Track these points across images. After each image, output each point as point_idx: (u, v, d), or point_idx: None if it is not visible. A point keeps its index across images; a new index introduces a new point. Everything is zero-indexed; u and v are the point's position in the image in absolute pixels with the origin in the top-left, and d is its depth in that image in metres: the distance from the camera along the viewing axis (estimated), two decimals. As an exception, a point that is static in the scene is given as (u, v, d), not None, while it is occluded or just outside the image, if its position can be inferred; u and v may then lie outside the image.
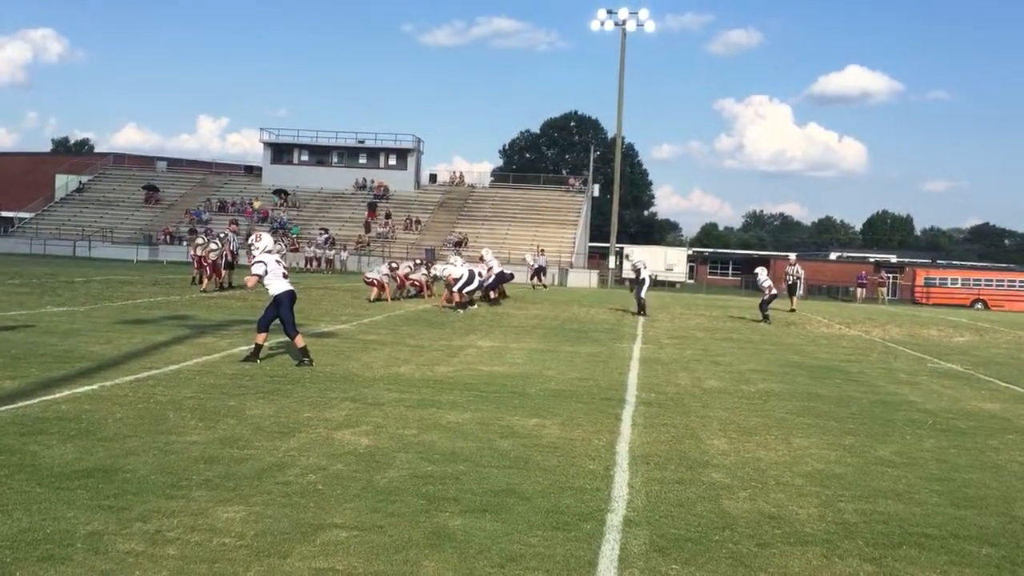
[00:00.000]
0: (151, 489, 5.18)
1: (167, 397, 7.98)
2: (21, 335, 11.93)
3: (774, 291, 23.52)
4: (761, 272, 23.91)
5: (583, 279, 49.41)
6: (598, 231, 71.36)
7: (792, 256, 35.69)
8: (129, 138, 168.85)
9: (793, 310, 29.38)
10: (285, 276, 10.72)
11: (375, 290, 22.99)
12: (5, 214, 68.96)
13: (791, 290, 30.72)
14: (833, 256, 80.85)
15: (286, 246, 38.31)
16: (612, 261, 54.77)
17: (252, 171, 68.86)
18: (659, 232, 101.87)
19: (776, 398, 9.97)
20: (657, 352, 14.26)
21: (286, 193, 61.00)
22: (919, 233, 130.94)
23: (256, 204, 59.59)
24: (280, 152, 65.14)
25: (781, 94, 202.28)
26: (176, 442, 6.31)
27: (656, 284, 54.60)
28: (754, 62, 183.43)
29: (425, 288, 25.68)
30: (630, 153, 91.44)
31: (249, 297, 22.28)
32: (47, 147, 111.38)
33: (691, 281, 66.80)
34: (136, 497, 5.01)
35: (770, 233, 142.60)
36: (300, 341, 10.64)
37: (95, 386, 8.32)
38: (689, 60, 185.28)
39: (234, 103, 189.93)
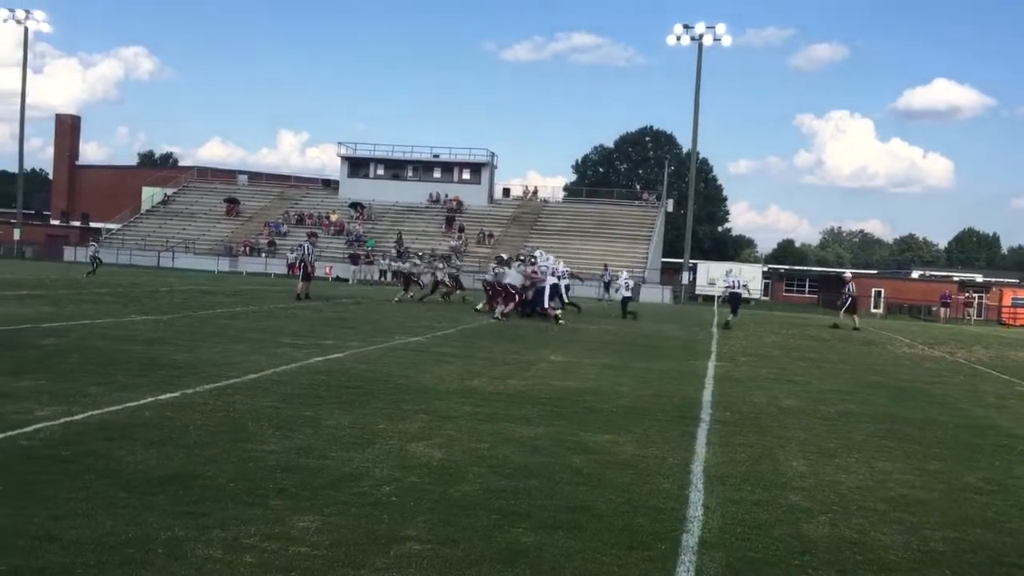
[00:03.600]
0: (230, 496, 5.26)
1: (246, 406, 8.13)
2: (108, 343, 12.30)
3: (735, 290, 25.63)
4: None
5: (656, 294, 49.01)
6: (671, 246, 70.78)
7: (847, 274, 34.96)
8: (213, 152, 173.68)
9: (856, 328, 28.67)
10: None
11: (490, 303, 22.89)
12: (94, 225, 71.48)
13: (849, 308, 29.94)
14: (916, 275, 78.72)
15: (363, 257, 38.87)
16: (686, 277, 54.22)
17: (329, 184, 70.25)
18: (734, 248, 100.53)
19: (856, 419, 9.70)
20: (732, 370, 14.03)
21: (362, 206, 61.95)
22: (1006, 252, 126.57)
23: (333, 217, 60.65)
24: (357, 166, 66.26)
25: (863, 109, 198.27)
26: (254, 450, 6.41)
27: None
28: (836, 77, 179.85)
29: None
30: (705, 168, 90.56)
31: (324, 309, 22.66)
32: (135, 161, 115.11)
33: (766, 298, 65.70)
34: (215, 504, 5.10)
35: (849, 250, 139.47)
36: None
37: (177, 394, 8.53)
38: (769, 74, 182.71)
39: (314, 118, 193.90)
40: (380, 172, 66.28)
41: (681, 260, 57.06)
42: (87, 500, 5.01)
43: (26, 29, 63.22)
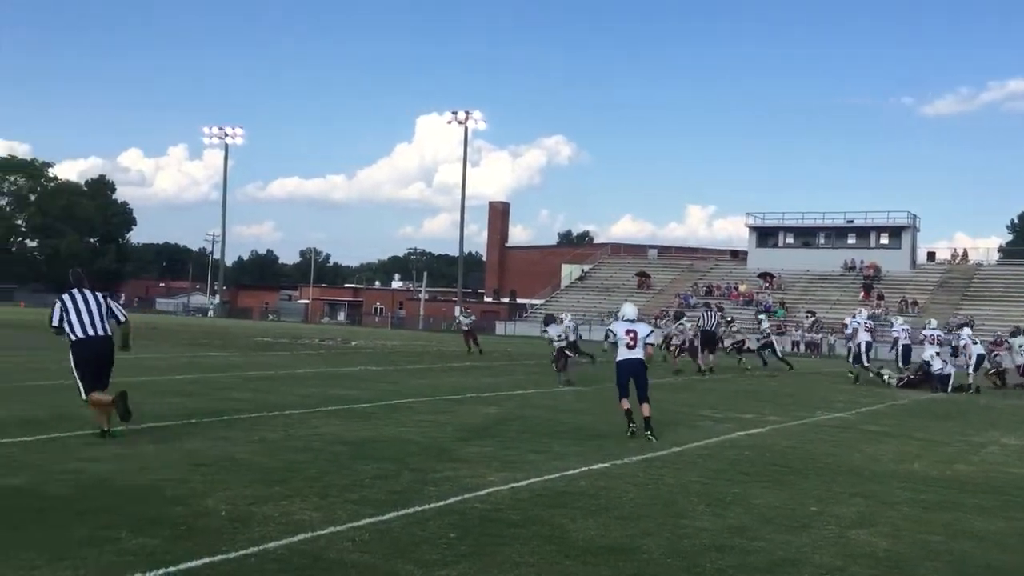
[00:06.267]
0: (667, 573, 5.27)
1: (674, 480, 8.18)
2: (540, 412, 13.16)
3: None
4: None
5: None
6: None
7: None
8: (625, 229, 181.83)
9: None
10: None
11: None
12: (520, 301, 77.87)
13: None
14: None
15: (770, 328, 37.77)
16: None
17: (737, 255, 69.93)
18: None
19: None
20: None
21: (771, 276, 60.77)
22: None
23: (741, 287, 60.17)
24: (765, 235, 65.36)
25: None
26: (687, 526, 6.39)
27: None
28: None
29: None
30: None
31: (739, 380, 22.34)
32: (555, 240, 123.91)
33: None
34: (655, 579, 5.13)
35: None
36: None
37: (607, 464, 8.82)
38: None
39: (721, 191, 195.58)
40: (789, 240, 64.75)
41: None
42: (537, 565, 5.31)
43: (466, 128, 71.65)
